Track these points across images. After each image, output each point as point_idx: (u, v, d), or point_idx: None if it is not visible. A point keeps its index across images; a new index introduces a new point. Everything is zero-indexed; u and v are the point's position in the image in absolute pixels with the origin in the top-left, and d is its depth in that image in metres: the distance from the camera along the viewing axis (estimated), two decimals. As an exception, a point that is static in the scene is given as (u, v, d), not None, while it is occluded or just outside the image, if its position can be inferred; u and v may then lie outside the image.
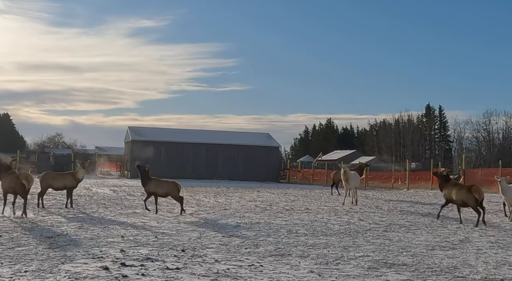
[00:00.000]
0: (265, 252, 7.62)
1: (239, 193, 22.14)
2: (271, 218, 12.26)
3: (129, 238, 8.61)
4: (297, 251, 7.82)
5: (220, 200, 17.48)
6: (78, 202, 14.98)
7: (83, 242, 7.97)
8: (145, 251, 7.35)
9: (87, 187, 22.59)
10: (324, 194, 22.43)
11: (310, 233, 9.89)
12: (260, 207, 15.22)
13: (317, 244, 8.50)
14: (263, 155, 41.87)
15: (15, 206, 11.40)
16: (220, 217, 12.27)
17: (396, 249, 8.23)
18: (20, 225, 9.73)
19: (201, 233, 9.54)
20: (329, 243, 8.64)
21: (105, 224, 10.26)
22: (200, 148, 40.39)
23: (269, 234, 9.53)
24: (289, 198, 18.95)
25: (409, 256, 7.63)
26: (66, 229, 9.38)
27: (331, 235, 9.64)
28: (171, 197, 13.38)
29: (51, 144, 72.66)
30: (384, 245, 8.63)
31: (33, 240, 8.00)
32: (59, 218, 11.14)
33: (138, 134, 40.10)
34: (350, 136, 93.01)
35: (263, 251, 7.74)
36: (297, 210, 14.39)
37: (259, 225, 10.80)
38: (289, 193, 22.33)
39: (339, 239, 9.20)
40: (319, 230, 10.28)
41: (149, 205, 13.06)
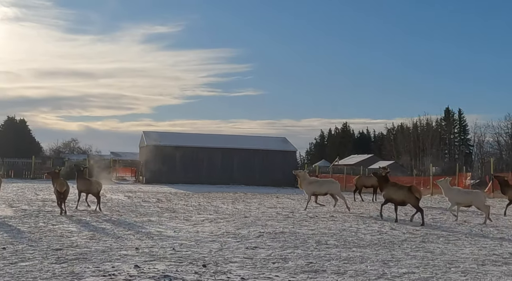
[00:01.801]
0: (296, 268, 6.78)
1: (257, 199, 21.32)
2: (295, 226, 11.41)
3: (144, 250, 7.84)
4: (331, 266, 6.97)
5: (239, 207, 16.68)
6: (91, 209, 14.29)
7: (94, 256, 7.21)
8: (162, 267, 6.56)
9: (101, 193, 21.93)
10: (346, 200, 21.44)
11: (341, 244, 9.03)
12: (282, 214, 14.37)
13: (351, 258, 7.63)
14: (279, 160, 41.02)
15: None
16: (240, 225, 11.46)
17: (442, 264, 7.33)
18: (27, 235, 9.02)
19: (222, 244, 8.74)
20: (364, 257, 7.78)
21: (119, 234, 9.52)
22: (216, 152, 39.68)
23: (296, 246, 8.69)
24: (310, 204, 18.03)
25: (460, 273, 6.73)
26: (76, 240, 8.65)
27: (365, 247, 8.77)
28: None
29: (66, 149, 72.65)
30: (427, 259, 7.73)
31: (39, 253, 7.25)
32: (70, 226, 10.43)
33: (153, 139, 39.54)
34: (367, 141, 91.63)
35: (294, 266, 6.91)
36: (322, 218, 13.52)
37: (284, 235, 9.96)
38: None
39: (375, 251, 8.32)
40: (350, 241, 9.41)
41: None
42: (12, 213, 12.46)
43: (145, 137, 39.78)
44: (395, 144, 72.88)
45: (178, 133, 45.82)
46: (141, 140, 41.17)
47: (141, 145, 41.26)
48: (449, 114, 77.60)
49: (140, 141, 41.82)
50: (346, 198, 16.63)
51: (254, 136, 47.81)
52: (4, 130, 67.74)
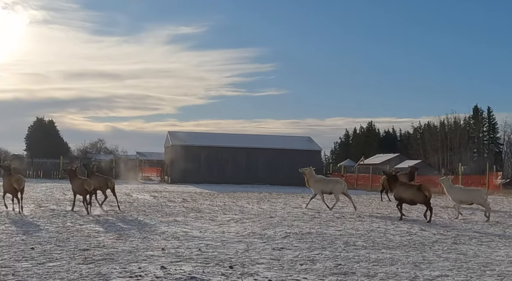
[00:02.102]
0: (324, 270, 6.63)
1: (282, 199, 21.17)
2: (322, 227, 11.23)
3: (170, 251, 7.79)
4: (360, 268, 6.79)
5: (264, 207, 16.57)
6: (117, 209, 14.38)
7: (121, 256, 7.20)
8: (188, 268, 6.49)
9: (127, 193, 22.15)
10: (373, 200, 21.17)
11: (369, 245, 8.83)
12: (308, 214, 14.20)
13: (381, 260, 7.44)
14: (304, 159, 40.54)
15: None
16: (266, 226, 11.35)
17: (477, 267, 7.08)
18: (55, 235, 9.09)
19: (248, 244, 8.64)
20: (395, 258, 7.57)
21: (145, 234, 9.51)
22: (241, 152, 39.63)
23: (324, 247, 8.53)
24: (337, 204, 17.80)
25: (496, 276, 6.47)
26: (103, 240, 8.67)
27: (394, 248, 8.55)
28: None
29: (93, 149, 73.81)
30: (460, 261, 7.48)
31: (66, 253, 7.28)
32: (97, 226, 10.48)
33: (178, 139, 39.73)
34: (393, 140, 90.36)
35: (322, 268, 6.76)
36: (349, 218, 13.30)
37: (311, 236, 9.80)
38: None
39: (405, 253, 8.10)
40: (379, 242, 9.20)
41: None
42: (40, 213, 12.62)
43: (170, 137, 40.01)
44: (422, 143, 71.66)
45: (203, 133, 45.98)
46: (166, 140, 41.42)
47: (166, 145, 41.51)
48: (478, 112, 75.91)
49: (165, 141, 42.08)
50: (353, 198, 16.54)
51: (279, 135, 47.67)
52: (33, 131, 69.15)
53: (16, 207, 12.92)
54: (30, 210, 13.39)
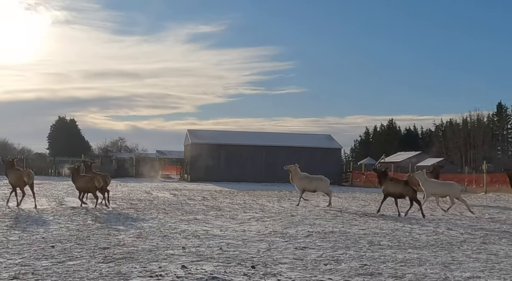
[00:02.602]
0: (350, 270, 6.41)
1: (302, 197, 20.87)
2: (345, 226, 10.98)
3: (191, 249, 7.65)
4: (387, 269, 6.55)
5: (285, 205, 16.36)
6: (138, 207, 14.35)
7: (141, 255, 7.08)
8: (209, 267, 6.33)
9: (147, 191, 22.19)
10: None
11: (395, 245, 8.56)
12: (330, 213, 13.95)
13: (408, 260, 7.17)
14: (324, 157, 40.35)
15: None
16: (288, 224, 11.15)
17: (510, 267, 6.77)
18: (76, 233, 9.03)
19: (270, 243, 8.45)
20: (422, 259, 7.30)
21: (165, 233, 9.40)
22: (260, 150, 39.45)
23: (348, 246, 8.30)
24: (359, 203, 17.57)
25: (531, 278, 6.16)
26: (123, 238, 8.58)
27: (421, 248, 8.26)
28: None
29: (114, 148, 74.44)
30: (492, 262, 7.17)
31: (86, 252, 7.19)
32: (117, 225, 10.42)
33: (198, 137, 39.75)
34: (414, 137, 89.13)
35: (347, 268, 6.53)
36: (372, 217, 13.02)
37: (334, 235, 9.57)
38: (358, 197, 20.86)
39: (433, 253, 7.81)
40: (404, 242, 8.92)
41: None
42: (62, 211, 12.63)
43: (190, 136, 40.04)
44: (444, 140, 70.51)
45: (222, 131, 45.93)
46: (186, 138, 41.48)
47: (186, 143, 41.58)
48: (502, 109, 74.37)
49: (185, 139, 42.15)
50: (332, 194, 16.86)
51: (298, 133, 47.36)
52: (55, 130, 70.08)
53: (21, 203, 13.36)
54: (52, 208, 13.41)
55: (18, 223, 10.19)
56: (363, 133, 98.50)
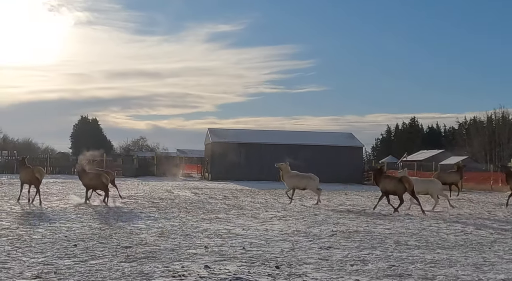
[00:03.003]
0: (377, 271, 6.20)
1: (325, 196, 20.61)
2: (370, 225, 10.74)
3: (213, 249, 7.54)
4: (416, 270, 6.33)
5: (307, 204, 16.15)
6: (159, 205, 14.32)
7: (163, 254, 6.99)
8: (233, 267, 6.20)
9: (169, 189, 22.21)
10: (420, 197, 20.33)
11: (422, 245, 8.31)
12: (353, 212, 13.71)
13: (438, 261, 6.93)
14: (346, 156, 39.92)
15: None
16: (311, 223, 10.96)
17: (546, 269, 6.48)
18: (98, 232, 9.00)
19: (294, 243, 8.29)
20: (452, 259, 7.05)
21: (187, 232, 9.31)
22: (281, 149, 39.14)
23: (374, 246, 8.08)
24: (382, 202, 17.19)
25: None
26: (145, 237, 8.51)
27: (451, 248, 8.00)
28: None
29: (135, 147, 75.10)
30: (526, 263, 6.88)
31: (108, 251, 7.12)
32: (139, 224, 10.37)
33: (218, 136, 39.73)
34: (437, 135, 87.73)
35: (375, 269, 6.33)
36: (397, 216, 12.73)
37: (359, 234, 9.35)
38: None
39: (463, 254, 7.55)
40: (432, 242, 8.66)
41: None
42: (84, 210, 12.67)
43: (210, 134, 40.06)
44: (468, 138, 69.25)
45: (243, 129, 45.83)
46: (207, 137, 41.52)
47: (207, 142, 41.62)
48: (528, 105, 72.59)
49: (206, 138, 42.20)
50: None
51: (319, 132, 47.00)
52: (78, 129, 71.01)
53: (34, 200, 13.77)
54: (74, 206, 13.47)
55: (42, 221, 10.22)
56: (384, 132, 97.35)
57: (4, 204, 13.47)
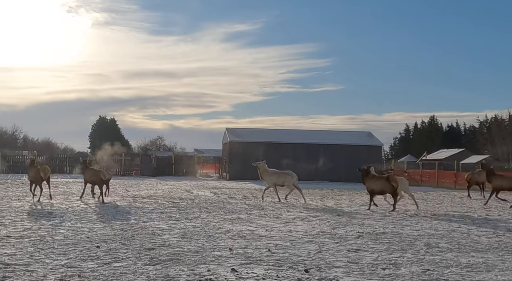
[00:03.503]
0: (411, 275, 5.93)
1: (346, 195, 20.36)
2: (397, 226, 10.44)
3: (238, 251, 7.33)
4: (453, 274, 6.03)
5: (329, 204, 15.88)
6: (180, 205, 14.18)
7: (187, 257, 6.80)
8: (260, 271, 5.99)
9: (188, 189, 22.10)
10: (444, 197, 19.96)
11: (454, 247, 8.00)
12: (378, 212, 13.39)
13: (474, 265, 6.62)
14: (365, 155, 39.31)
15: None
16: (335, 224, 10.70)
17: None
18: (120, 233, 8.87)
19: (320, 245, 8.04)
20: (489, 263, 6.73)
21: (210, 233, 9.13)
22: (299, 148, 38.93)
23: (404, 249, 7.79)
24: (405, 202, 16.83)
25: None
26: (168, 238, 8.34)
27: (485, 251, 7.67)
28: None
29: (153, 147, 75.42)
30: None
31: (132, 253, 6.96)
32: (161, 224, 10.22)
33: (236, 135, 39.58)
34: (457, 134, 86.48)
35: (408, 273, 6.06)
36: (423, 217, 12.40)
37: (387, 236, 9.06)
38: (403, 196, 20.00)
39: (499, 257, 7.22)
40: (464, 244, 8.34)
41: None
42: (105, 210, 12.59)
43: (228, 134, 39.92)
44: (489, 137, 68.07)
45: (261, 129, 45.63)
46: (224, 136, 41.39)
47: (224, 141, 41.49)
48: (551, 103, 71.12)
49: (223, 137, 42.08)
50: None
51: (338, 130, 46.54)
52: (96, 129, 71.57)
53: (42, 198, 14.36)
54: (95, 206, 13.40)
55: (63, 222, 10.14)
56: (403, 130, 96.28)
57: (26, 204, 13.47)
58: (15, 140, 66.91)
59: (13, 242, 7.55)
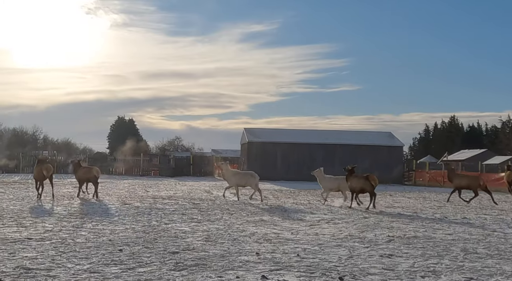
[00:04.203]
0: (454, 285, 5.54)
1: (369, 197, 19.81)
2: (428, 230, 10.01)
3: (265, 256, 7.01)
4: (498, 284, 5.63)
5: (352, 205, 15.44)
6: (201, 207, 13.92)
7: (213, 261, 6.50)
8: (292, 278, 5.66)
9: (207, 190, 21.85)
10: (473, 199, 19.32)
11: (494, 253, 7.56)
12: (405, 215, 12.95)
13: (518, 273, 6.20)
14: (385, 156, 38.80)
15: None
16: (363, 227, 10.31)
17: None
18: (142, 235, 8.62)
19: (350, 249, 7.68)
20: (534, 272, 6.29)
21: (234, 236, 8.82)
22: (317, 148, 38.45)
23: (440, 255, 7.38)
24: (432, 204, 16.38)
25: None
26: (191, 242, 8.06)
27: (527, 258, 7.22)
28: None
29: (171, 147, 75.50)
30: None
31: (156, 257, 6.69)
32: (183, 226, 9.96)
33: (254, 135, 39.27)
34: (478, 134, 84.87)
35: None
36: (453, 220, 11.92)
37: (419, 240, 8.65)
38: (428, 198, 19.55)
39: (544, 264, 6.77)
40: (504, 250, 7.90)
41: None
42: (126, 211, 12.38)
43: (246, 134, 39.63)
44: (513, 137, 66.56)
45: (279, 129, 45.27)
46: (243, 137, 41.12)
47: (243, 142, 41.22)
48: None
49: (241, 138, 41.81)
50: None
51: (357, 131, 45.95)
52: (115, 129, 71.95)
53: (41, 197, 14.98)
54: (116, 207, 13.21)
55: (84, 223, 9.93)
56: (422, 131, 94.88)
57: (46, 205, 13.34)
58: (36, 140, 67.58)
59: (34, 244, 7.35)
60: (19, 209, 12.05)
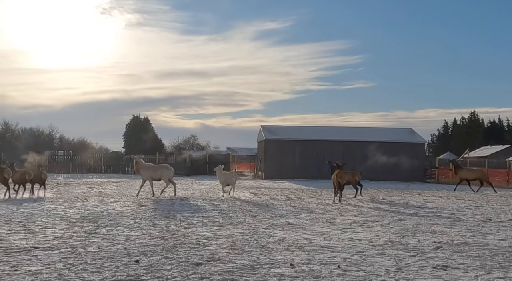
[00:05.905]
0: (538, 307, 4.59)
1: (396, 196, 18.83)
2: (476, 234, 9.01)
3: (302, 268, 6.13)
4: None
5: (382, 206, 14.47)
6: (221, 208, 13.07)
7: (244, 276, 5.63)
8: (340, 299, 4.76)
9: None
10: (506, 198, 18.19)
11: None
12: (443, 216, 11.92)
13: None
14: (406, 153, 37.56)
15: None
16: (401, 231, 9.36)
17: None
18: (160, 242, 7.78)
19: (396, 259, 6.76)
20: None
21: (262, 242, 7.95)
22: (337, 146, 37.38)
23: (503, 266, 6.44)
24: (467, 204, 15.30)
25: None
26: (215, 250, 7.21)
27: None
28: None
29: (186, 146, 74.94)
30: None
31: (177, 270, 5.84)
32: (204, 230, 9.12)
33: (272, 133, 38.34)
34: (499, 130, 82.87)
35: (531, 303, 4.72)
36: (498, 222, 10.89)
37: (471, 247, 7.68)
38: (460, 197, 18.43)
39: None
40: None
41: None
42: (142, 213, 11.58)
43: (263, 132, 38.73)
44: (536, 133, 64.69)
45: (297, 126, 44.30)
46: (259, 134, 40.24)
47: (259, 139, 40.33)
48: None
49: (258, 135, 40.94)
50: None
51: (377, 128, 44.79)
52: (130, 128, 71.63)
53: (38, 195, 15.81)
54: (132, 209, 12.42)
55: (97, 228, 9.14)
56: (441, 127, 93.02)
57: (59, 207, 12.62)
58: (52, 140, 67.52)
59: (41, 255, 6.55)
60: (29, 212, 11.33)
